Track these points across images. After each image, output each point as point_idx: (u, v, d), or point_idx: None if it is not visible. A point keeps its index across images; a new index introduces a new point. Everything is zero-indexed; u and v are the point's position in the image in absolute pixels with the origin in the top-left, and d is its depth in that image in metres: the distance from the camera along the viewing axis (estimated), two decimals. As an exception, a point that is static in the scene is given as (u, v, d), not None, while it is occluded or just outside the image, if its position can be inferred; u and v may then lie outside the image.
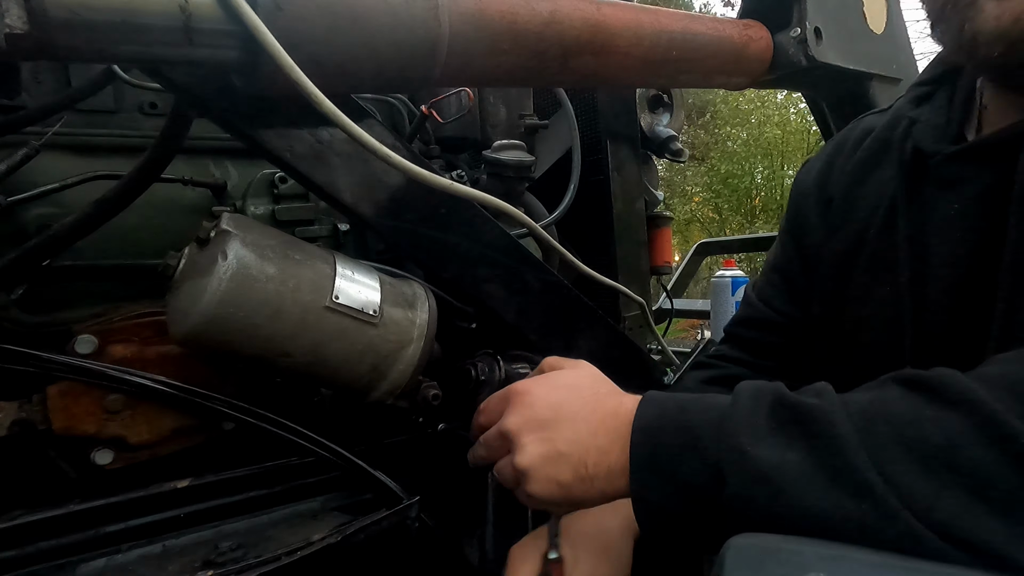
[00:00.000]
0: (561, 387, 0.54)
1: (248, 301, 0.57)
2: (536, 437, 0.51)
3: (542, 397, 0.53)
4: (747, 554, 0.35)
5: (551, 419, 0.51)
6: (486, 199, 0.70)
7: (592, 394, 0.53)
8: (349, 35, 0.57)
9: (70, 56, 0.49)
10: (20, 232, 0.73)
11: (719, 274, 1.79)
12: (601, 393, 0.54)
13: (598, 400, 0.52)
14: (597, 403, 0.52)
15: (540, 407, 0.52)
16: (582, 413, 0.51)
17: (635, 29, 0.80)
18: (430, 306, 0.70)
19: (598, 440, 0.49)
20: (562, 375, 0.57)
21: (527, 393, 0.54)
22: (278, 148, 0.62)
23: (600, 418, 0.50)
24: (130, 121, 0.87)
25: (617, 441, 0.48)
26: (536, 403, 0.53)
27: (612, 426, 0.49)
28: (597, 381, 0.57)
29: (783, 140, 10.32)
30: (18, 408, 0.60)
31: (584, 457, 0.49)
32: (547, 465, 0.50)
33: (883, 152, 0.66)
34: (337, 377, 0.64)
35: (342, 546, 0.60)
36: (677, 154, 1.29)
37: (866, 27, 1.12)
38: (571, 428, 0.50)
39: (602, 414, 0.50)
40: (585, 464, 0.49)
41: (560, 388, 0.54)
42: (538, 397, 0.53)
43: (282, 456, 0.67)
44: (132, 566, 0.57)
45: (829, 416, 0.39)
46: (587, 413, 0.51)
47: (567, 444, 0.50)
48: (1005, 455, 0.34)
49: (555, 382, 0.55)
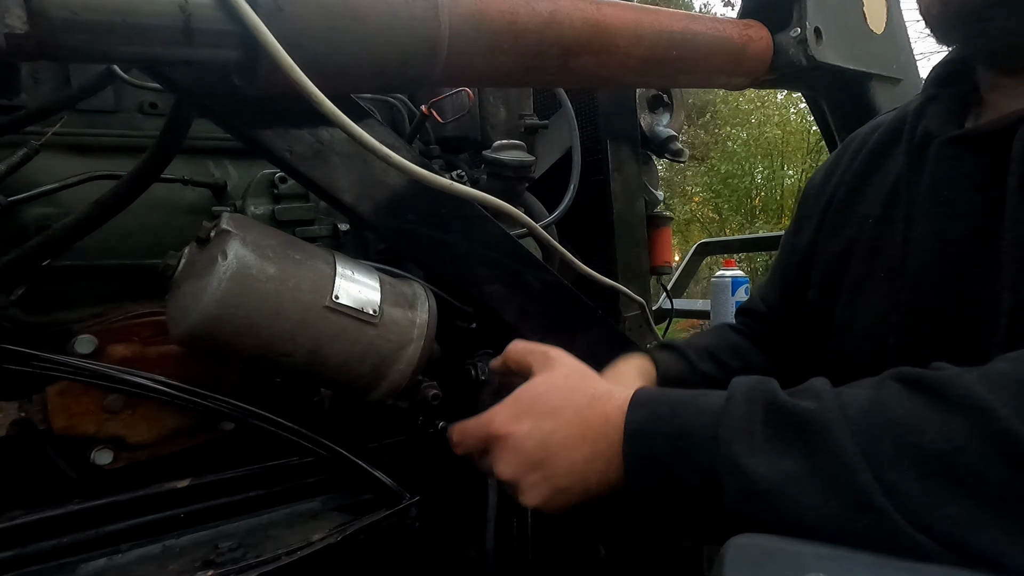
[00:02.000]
0: (542, 416, 0.51)
1: (248, 301, 0.57)
2: (534, 479, 0.50)
3: (526, 437, 0.51)
4: (747, 554, 0.35)
5: (542, 459, 0.50)
6: (486, 199, 0.70)
7: (575, 414, 0.50)
8: (349, 35, 0.57)
9: (70, 56, 0.49)
10: (20, 232, 0.73)
11: (719, 274, 1.79)
12: (583, 408, 0.50)
13: (583, 421, 0.50)
14: (583, 425, 0.49)
15: (527, 448, 0.50)
16: (570, 441, 0.49)
17: (635, 29, 0.80)
18: (430, 306, 0.70)
19: (595, 465, 0.48)
20: (537, 397, 0.53)
21: (509, 436, 0.51)
22: (278, 148, 0.62)
23: (591, 443, 0.49)
24: (130, 121, 0.87)
25: (612, 461, 0.47)
26: (521, 445, 0.51)
27: (604, 447, 0.48)
28: (573, 389, 0.53)
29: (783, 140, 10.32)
30: (18, 408, 0.60)
31: (586, 484, 0.49)
32: (553, 501, 0.50)
33: (892, 143, 0.67)
34: (337, 377, 0.64)
35: (342, 546, 0.60)
36: (677, 154, 1.29)
37: (866, 27, 1.12)
38: (565, 462, 0.49)
39: (592, 437, 0.49)
40: (587, 488, 0.49)
41: (541, 418, 0.51)
42: (522, 438, 0.51)
43: (282, 456, 0.67)
44: (132, 566, 0.57)
45: (826, 422, 0.38)
46: (576, 440, 0.49)
47: (565, 479, 0.49)
48: (1009, 462, 0.33)
49: (533, 411, 0.52)
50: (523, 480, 0.50)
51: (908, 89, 1.17)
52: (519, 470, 0.51)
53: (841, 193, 0.71)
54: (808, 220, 0.75)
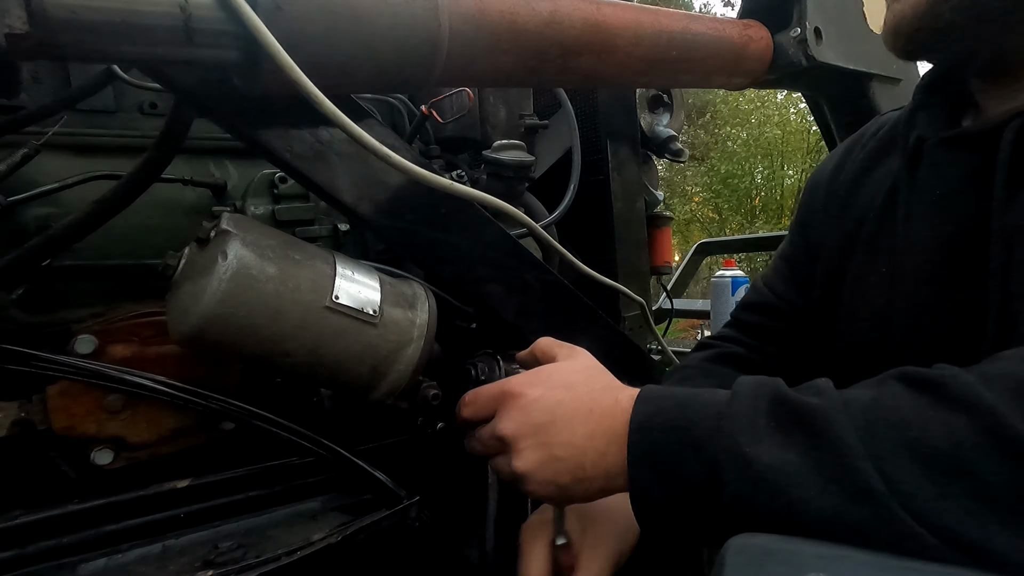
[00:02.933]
0: (556, 387, 0.53)
1: (248, 301, 0.57)
2: (532, 442, 0.50)
3: (537, 400, 0.52)
4: (747, 554, 0.35)
5: (546, 423, 0.51)
6: (486, 199, 0.70)
7: (587, 392, 0.52)
8: (349, 35, 0.57)
9: (70, 56, 0.49)
10: (20, 232, 0.73)
11: (719, 274, 1.79)
12: (596, 390, 0.53)
13: (594, 399, 0.51)
14: (593, 402, 0.51)
15: (535, 411, 0.52)
16: (578, 415, 0.50)
17: (635, 29, 0.80)
18: (430, 306, 0.70)
19: (595, 442, 0.49)
20: (557, 372, 0.56)
21: (521, 396, 0.53)
22: (278, 148, 0.62)
23: (597, 418, 0.50)
24: (130, 121, 0.87)
25: (614, 442, 0.47)
26: (531, 407, 0.52)
27: (608, 426, 0.49)
28: (592, 375, 0.56)
29: (783, 140, 10.33)
30: (18, 408, 0.60)
31: (581, 460, 0.49)
32: (544, 470, 0.50)
33: (892, 143, 0.68)
34: (337, 377, 0.64)
35: (342, 546, 0.60)
36: (677, 154, 1.29)
37: (866, 27, 1.12)
38: (567, 431, 0.50)
39: (599, 414, 0.50)
40: (583, 466, 0.49)
41: (555, 389, 0.53)
42: (532, 400, 0.52)
43: (282, 456, 0.67)
44: (132, 566, 0.57)
45: (829, 416, 0.39)
46: (583, 414, 0.50)
47: (563, 448, 0.49)
48: (1009, 459, 0.33)
49: (550, 381, 0.54)
50: (521, 440, 0.51)
51: (908, 89, 1.17)
52: (520, 429, 0.51)
53: (843, 190, 0.72)
54: (815, 210, 0.76)
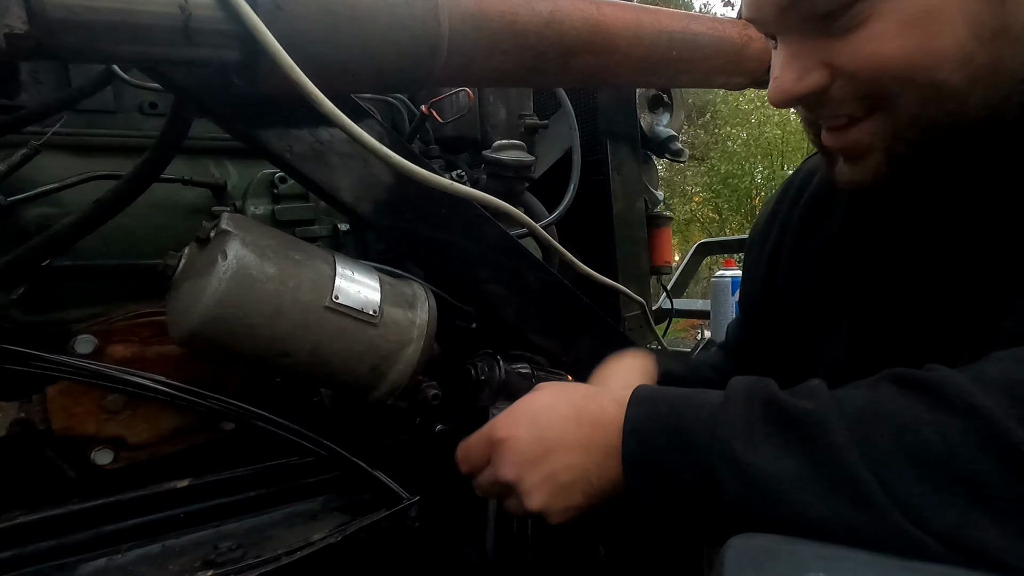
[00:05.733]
0: (538, 413, 0.53)
1: (248, 301, 0.57)
2: (535, 480, 0.50)
3: (524, 435, 0.52)
4: (747, 554, 0.35)
5: (542, 455, 0.50)
6: (486, 199, 0.70)
7: (569, 406, 0.52)
8: (349, 35, 0.57)
9: (70, 56, 0.49)
10: (20, 232, 0.73)
11: (719, 274, 1.79)
12: (577, 400, 0.52)
13: (579, 412, 0.51)
14: (579, 416, 0.50)
15: (526, 446, 0.51)
16: (568, 434, 0.50)
17: (635, 29, 0.80)
18: (430, 306, 0.70)
19: (593, 457, 0.48)
20: (533, 401, 0.55)
21: (509, 439, 0.52)
22: (278, 148, 0.62)
23: (588, 433, 0.49)
24: (130, 121, 0.87)
25: (611, 454, 0.47)
26: (521, 444, 0.51)
27: (601, 438, 0.48)
28: (566, 390, 0.55)
29: (783, 140, 10.32)
30: (18, 408, 0.60)
31: (587, 478, 0.49)
32: (557, 500, 0.50)
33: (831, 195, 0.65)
34: (337, 377, 0.64)
35: (342, 546, 0.60)
36: (677, 154, 1.29)
37: (866, 27, 1.12)
38: (565, 455, 0.50)
39: (588, 427, 0.49)
40: (590, 483, 0.49)
41: (537, 415, 0.53)
42: (520, 437, 0.52)
43: (282, 456, 0.67)
44: (132, 566, 0.57)
45: (824, 421, 0.38)
46: (573, 431, 0.50)
47: (566, 473, 0.49)
48: (1005, 462, 0.33)
49: (530, 412, 0.54)
50: (525, 480, 0.51)
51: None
52: (520, 469, 0.51)
53: (788, 240, 0.69)
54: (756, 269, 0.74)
